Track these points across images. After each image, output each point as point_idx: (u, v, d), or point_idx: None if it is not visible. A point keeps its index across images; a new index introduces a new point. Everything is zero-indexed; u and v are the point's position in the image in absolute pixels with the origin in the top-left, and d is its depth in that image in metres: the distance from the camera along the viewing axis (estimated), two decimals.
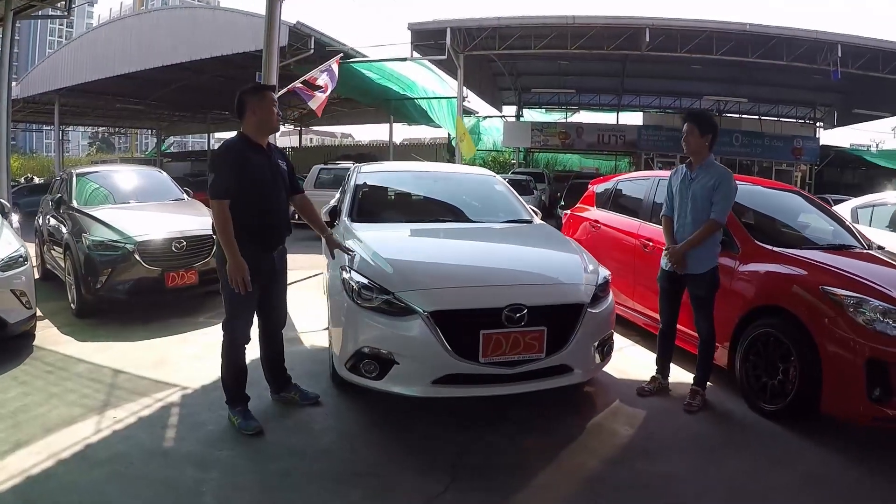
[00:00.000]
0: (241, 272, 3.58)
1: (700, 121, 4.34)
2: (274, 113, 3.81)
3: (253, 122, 3.77)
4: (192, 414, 4.01)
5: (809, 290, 4.03)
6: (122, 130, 46.24)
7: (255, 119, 3.75)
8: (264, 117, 3.77)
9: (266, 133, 3.87)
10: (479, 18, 18.04)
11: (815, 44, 17.13)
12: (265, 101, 3.78)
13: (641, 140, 26.29)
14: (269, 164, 3.84)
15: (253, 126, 3.78)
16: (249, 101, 3.76)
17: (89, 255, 6.29)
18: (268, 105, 3.78)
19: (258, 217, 3.74)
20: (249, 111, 3.75)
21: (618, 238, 6.30)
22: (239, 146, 3.74)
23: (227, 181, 3.60)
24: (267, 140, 3.92)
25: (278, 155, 4.01)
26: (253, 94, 3.80)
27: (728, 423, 4.14)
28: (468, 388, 3.72)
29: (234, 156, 3.68)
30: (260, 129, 3.81)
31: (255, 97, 3.77)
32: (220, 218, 3.58)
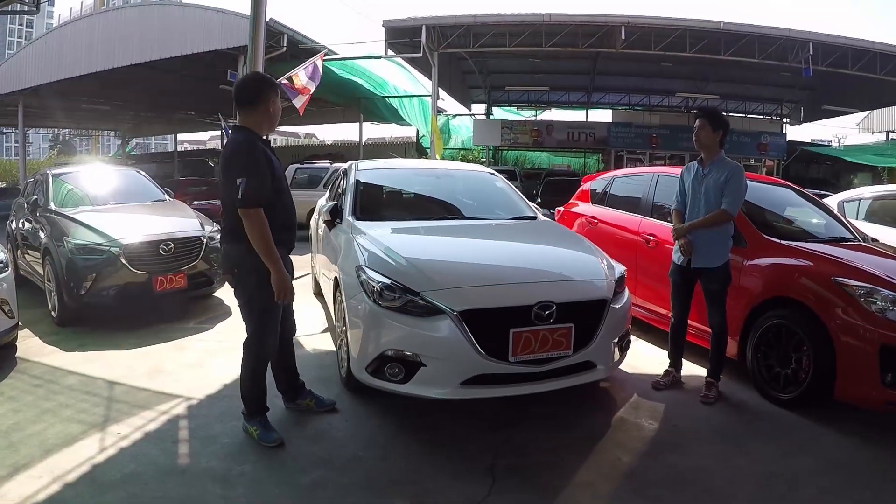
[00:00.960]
0: (288, 286, 3.41)
1: (712, 117, 4.40)
2: (280, 111, 3.64)
3: (266, 117, 3.52)
4: (203, 426, 3.78)
5: (821, 281, 4.12)
6: (86, 132, 45.09)
7: (270, 113, 3.52)
8: (276, 114, 3.57)
9: (270, 130, 3.64)
10: (456, 16, 17.98)
11: (786, 42, 17.47)
12: (279, 99, 3.61)
13: (611, 137, 26.42)
14: (277, 158, 3.64)
15: (263, 120, 3.52)
16: (269, 94, 3.52)
17: (72, 259, 6.00)
18: (279, 102, 3.61)
19: (286, 217, 3.58)
20: (265, 104, 3.49)
21: (618, 234, 6.33)
22: (256, 142, 3.46)
23: (263, 184, 3.35)
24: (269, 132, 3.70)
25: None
26: (273, 86, 3.60)
27: (745, 412, 4.20)
28: (498, 388, 3.68)
29: (261, 154, 3.41)
30: (267, 125, 3.57)
31: (274, 92, 3.56)
32: (260, 227, 3.31)
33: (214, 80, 18.93)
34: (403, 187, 5.99)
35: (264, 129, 3.58)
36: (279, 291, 3.40)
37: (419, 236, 4.76)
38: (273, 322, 3.59)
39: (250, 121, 3.51)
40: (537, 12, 17.39)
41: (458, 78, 26.53)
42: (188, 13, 18.07)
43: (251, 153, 3.38)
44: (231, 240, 3.48)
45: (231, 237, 3.47)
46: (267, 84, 3.59)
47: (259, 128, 3.53)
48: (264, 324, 3.54)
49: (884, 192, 7.91)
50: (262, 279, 3.40)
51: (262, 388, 3.67)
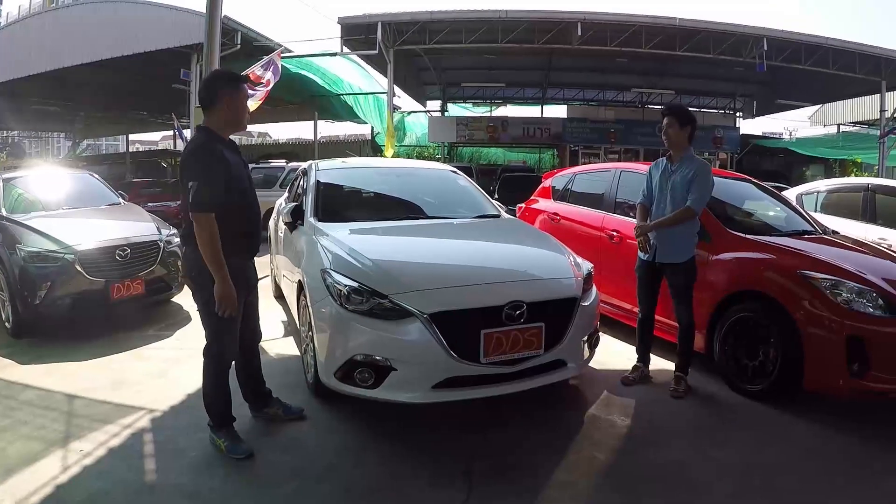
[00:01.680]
0: (232, 299, 3.26)
1: (679, 114, 4.43)
2: (247, 109, 3.47)
3: (224, 117, 3.35)
4: (170, 440, 3.63)
5: (787, 274, 4.20)
6: (36, 134, 43.71)
7: (229, 114, 3.35)
8: (238, 113, 3.38)
9: (234, 130, 3.48)
10: (412, 13, 17.83)
11: (741, 37, 17.81)
12: (240, 95, 3.40)
13: (566, 132, 26.46)
14: (240, 159, 3.50)
15: (222, 121, 3.36)
16: (225, 91, 3.33)
17: (25, 267, 5.74)
18: (242, 99, 3.42)
19: (243, 223, 3.43)
20: (223, 103, 3.31)
21: (581, 230, 6.36)
22: (214, 144, 3.30)
23: (216, 189, 3.19)
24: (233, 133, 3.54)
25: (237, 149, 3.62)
26: (230, 83, 3.39)
27: (716, 405, 4.26)
28: (470, 391, 3.64)
29: (217, 156, 3.25)
30: (229, 125, 3.41)
31: (232, 88, 3.36)
32: (208, 234, 3.17)
33: (168, 80, 18.47)
34: (365, 187, 5.90)
35: (227, 129, 3.44)
36: (220, 303, 3.25)
37: (384, 237, 4.69)
38: (232, 327, 3.44)
39: (210, 121, 3.38)
40: (494, 9, 17.39)
41: (413, 75, 26.45)
42: (140, 11, 17.63)
43: (204, 156, 3.25)
44: (190, 243, 3.34)
45: (190, 240, 3.33)
46: (222, 82, 3.40)
47: (220, 128, 3.39)
48: (222, 329, 3.40)
49: (839, 184, 8.16)
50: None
51: (226, 398, 3.53)
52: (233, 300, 3.26)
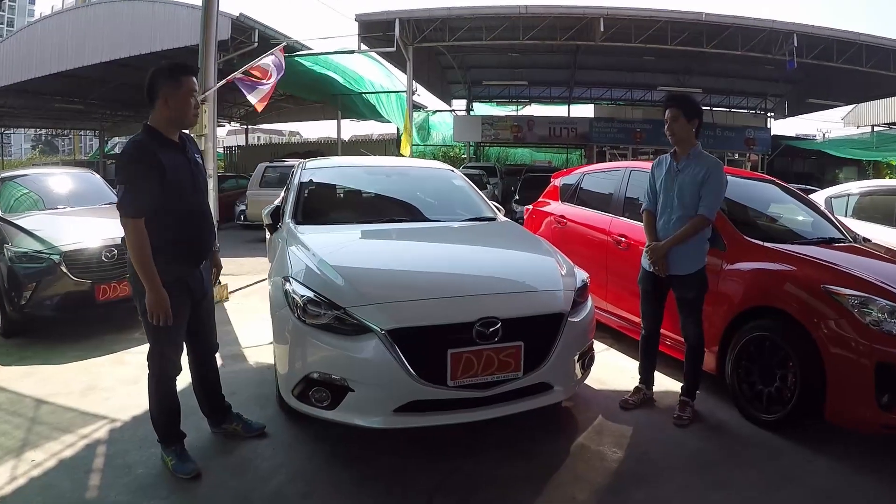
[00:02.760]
0: (163, 307, 3.02)
1: (684, 105, 3.94)
2: (191, 105, 3.14)
3: (164, 114, 3.09)
4: (121, 453, 3.46)
5: (809, 289, 3.69)
6: (65, 132, 44.46)
7: (168, 111, 3.09)
8: (179, 110, 3.11)
9: (179, 129, 3.21)
10: (429, 9, 17.49)
11: (770, 33, 17.13)
12: (182, 90, 3.09)
13: (593, 132, 26.15)
14: (187, 160, 3.22)
15: (164, 119, 3.11)
16: (162, 86, 3.06)
17: (12, 268, 5.71)
18: (185, 94, 3.10)
19: (182, 229, 3.17)
20: (161, 101, 3.06)
21: (587, 234, 5.91)
22: (149, 145, 3.04)
23: (142, 194, 2.97)
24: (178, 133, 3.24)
25: (194, 148, 3.36)
26: (168, 77, 3.08)
27: (724, 435, 3.78)
28: (436, 416, 3.23)
29: (147, 159, 2.99)
30: (171, 124, 3.15)
31: (171, 82, 3.08)
32: (135, 240, 2.97)
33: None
34: (351, 187, 5.55)
35: (171, 128, 3.16)
36: (151, 312, 3.02)
37: (357, 242, 4.31)
38: (171, 337, 3.22)
39: (153, 119, 3.13)
40: (513, 4, 16.94)
41: (437, 73, 26.18)
42: (157, 9, 17.60)
43: (132, 160, 3.02)
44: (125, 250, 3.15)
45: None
46: (162, 76, 3.09)
47: (164, 126, 3.13)
48: (161, 339, 3.19)
49: (872, 186, 7.53)
50: None
51: (171, 412, 3.32)
52: (164, 309, 3.03)
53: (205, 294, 3.43)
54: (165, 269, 3.05)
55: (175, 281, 3.13)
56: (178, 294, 3.15)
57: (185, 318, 3.26)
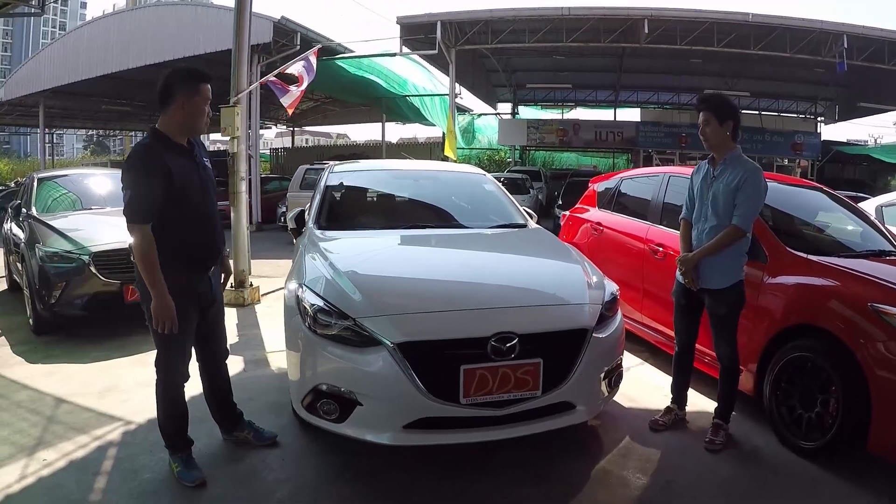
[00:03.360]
0: (168, 315, 2.96)
1: (717, 107, 3.65)
2: (204, 112, 3.09)
3: (177, 120, 3.05)
4: (130, 457, 3.44)
5: (855, 307, 3.39)
6: (114, 133, 45.67)
7: (181, 116, 3.04)
8: (192, 116, 3.06)
9: (188, 134, 3.16)
10: (471, 11, 17.43)
11: (819, 34, 16.55)
12: (198, 98, 3.05)
13: (640, 137, 25.75)
14: (196, 165, 3.17)
15: (175, 124, 3.06)
16: (179, 90, 3.01)
17: (43, 267, 5.80)
18: (200, 102, 3.06)
19: (190, 234, 3.11)
20: (176, 105, 3.01)
21: (623, 242, 5.68)
22: (157, 149, 2.99)
23: (148, 199, 2.91)
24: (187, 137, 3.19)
25: (202, 152, 3.30)
26: (184, 82, 3.03)
27: (758, 463, 3.50)
28: (447, 434, 3.07)
29: (154, 164, 2.94)
30: (182, 129, 3.10)
31: (187, 87, 3.02)
32: (141, 246, 2.90)
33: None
34: (377, 191, 5.43)
35: (180, 133, 3.12)
36: (156, 319, 2.97)
37: (376, 249, 4.17)
38: (178, 344, 3.16)
39: (163, 123, 3.08)
40: (556, 6, 16.70)
41: (481, 76, 26.16)
42: (201, 13, 17.98)
43: (139, 164, 2.96)
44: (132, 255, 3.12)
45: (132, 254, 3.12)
46: (178, 80, 3.04)
47: (174, 131, 3.09)
48: (168, 346, 3.14)
49: None
50: None
51: (178, 419, 3.27)
52: (169, 317, 2.98)
53: (214, 300, 3.37)
54: (173, 276, 3.00)
55: (182, 288, 3.07)
56: (186, 301, 3.09)
57: (192, 325, 3.21)
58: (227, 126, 7.27)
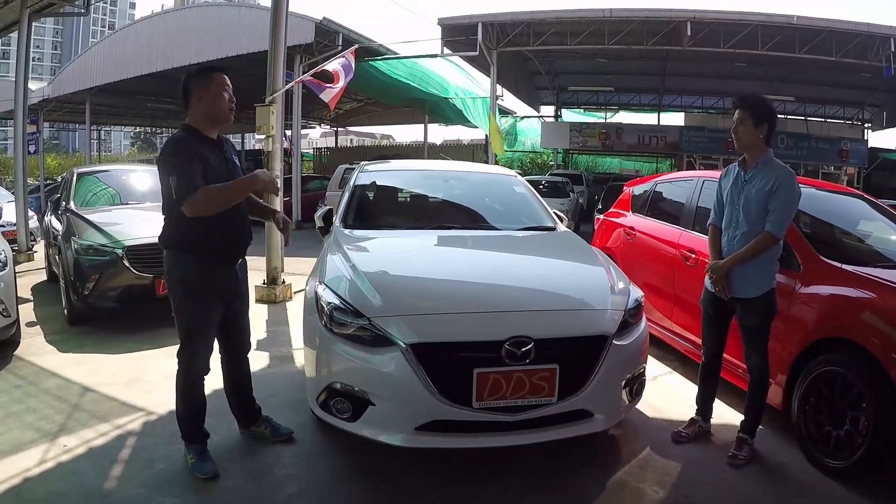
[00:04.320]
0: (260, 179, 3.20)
1: (754, 107, 3.51)
2: (224, 99, 3.19)
3: (199, 112, 3.17)
4: (148, 447, 3.51)
5: (890, 320, 3.22)
6: (160, 130, 46.64)
7: (202, 107, 3.16)
8: (212, 105, 3.17)
9: (216, 124, 3.26)
10: (512, 13, 17.26)
11: (866, 38, 15.98)
12: (212, 86, 3.17)
13: (683, 141, 25.35)
14: (225, 160, 3.25)
15: (200, 116, 3.18)
16: (194, 85, 3.16)
17: (77, 259, 5.99)
18: (216, 91, 3.17)
19: (217, 228, 3.15)
20: (194, 98, 3.15)
21: (655, 248, 5.55)
22: (190, 140, 3.12)
23: (193, 177, 2.98)
24: (217, 133, 3.31)
25: (231, 149, 3.40)
26: (198, 77, 3.20)
27: (782, 481, 3.35)
28: (459, 438, 3.02)
29: (191, 151, 3.05)
30: (207, 120, 3.21)
31: (201, 81, 3.17)
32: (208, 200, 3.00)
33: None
34: (407, 191, 5.41)
35: (208, 125, 3.23)
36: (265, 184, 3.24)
37: (399, 249, 4.14)
38: (201, 337, 3.24)
39: (191, 117, 3.23)
40: (598, 7, 16.47)
41: (524, 78, 25.97)
42: (244, 13, 18.21)
43: (178, 152, 3.06)
44: (163, 245, 3.24)
45: (163, 242, 3.23)
46: (192, 77, 3.21)
47: (201, 124, 3.21)
48: (191, 338, 3.22)
49: None
50: (187, 290, 3.16)
51: (196, 411, 3.32)
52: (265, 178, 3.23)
53: (239, 294, 3.43)
54: (199, 269, 3.13)
55: (208, 280, 3.17)
56: (211, 294, 3.19)
57: (216, 318, 3.27)
58: (261, 125, 7.37)
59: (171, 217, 3.15)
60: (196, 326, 3.17)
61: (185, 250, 3.13)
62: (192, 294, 3.15)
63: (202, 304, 3.18)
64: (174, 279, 3.17)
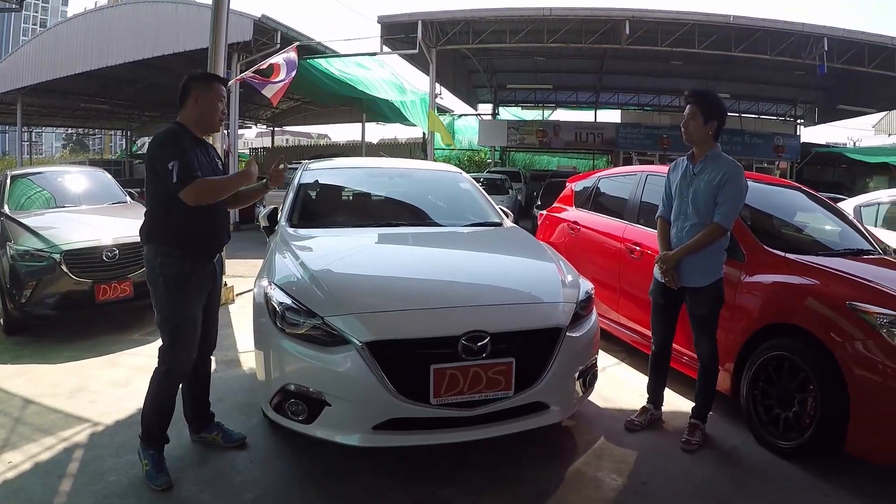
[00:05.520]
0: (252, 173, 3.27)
1: (705, 104, 3.61)
2: (218, 109, 3.27)
3: (193, 113, 3.25)
4: (97, 459, 3.37)
5: (833, 305, 3.37)
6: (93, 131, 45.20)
7: (197, 110, 3.24)
8: (207, 110, 3.25)
9: (205, 130, 3.34)
10: (452, 11, 17.28)
11: (800, 37, 16.64)
12: (211, 93, 3.25)
13: (620, 138, 25.83)
14: (210, 160, 3.31)
15: (193, 117, 3.25)
16: (195, 87, 3.24)
17: (13, 266, 5.69)
18: (213, 98, 3.25)
19: (199, 223, 3.17)
20: (192, 99, 3.23)
21: (600, 241, 5.64)
22: (182, 133, 3.19)
23: (193, 163, 3.05)
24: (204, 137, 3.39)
25: (214, 153, 3.44)
26: (200, 80, 3.29)
27: (736, 464, 3.46)
28: (418, 435, 3.00)
29: (184, 142, 3.12)
30: (199, 123, 3.28)
31: (202, 85, 3.26)
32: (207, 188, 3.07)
33: None
34: (351, 189, 5.35)
35: (198, 127, 3.30)
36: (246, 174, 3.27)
37: (348, 247, 4.09)
38: (190, 331, 3.21)
39: (182, 116, 3.29)
40: (537, 6, 16.65)
41: (462, 77, 26.08)
42: (181, 10, 17.66)
43: (175, 139, 3.13)
44: (143, 240, 3.23)
45: (143, 235, 3.22)
46: (195, 80, 3.29)
47: (192, 124, 3.28)
48: (178, 332, 3.17)
49: None
50: (169, 285, 3.12)
51: (164, 412, 3.23)
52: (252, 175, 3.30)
53: (214, 290, 3.43)
54: (180, 263, 3.11)
55: (190, 277, 3.15)
56: (192, 289, 3.18)
57: (200, 312, 3.26)
58: None
59: (153, 210, 3.16)
60: (180, 322, 3.13)
61: (168, 244, 3.12)
62: (175, 288, 3.11)
63: (185, 299, 3.14)
64: (155, 273, 3.13)
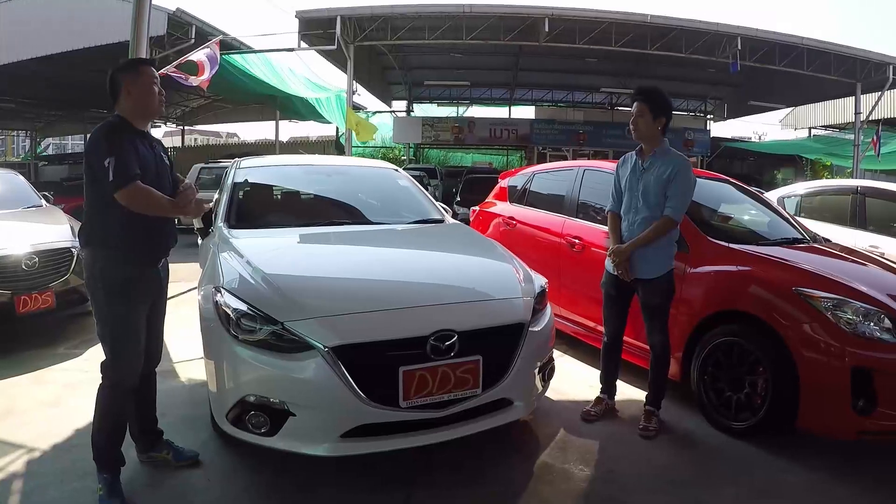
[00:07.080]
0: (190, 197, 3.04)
1: (653, 101, 3.69)
2: (154, 93, 3.05)
3: (129, 105, 3.00)
4: (38, 489, 3.07)
5: (780, 292, 3.55)
6: None
7: (131, 100, 3.00)
8: (142, 97, 3.02)
9: (146, 117, 3.11)
10: (372, 6, 17.18)
11: (715, 36, 17.36)
12: (143, 78, 3.02)
13: (534, 134, 26.38)
14: (154, 155, 3.08)
15: (129, 109, 3.01)
16: (123, 78, 3.00)
17: None
18: (146, 82, 3.03)
19: (144, 221, 2.94)
20: (124, 90, 2.99)
21: (538, 236, 5.71)
22: (122, 126, 2.96)
23: (133, 160, 2.83)
24: (147, 128, 3.16)
25: (161, 147, 3.23)
26: (127, 70, 3.05)
27: (693, 447, 3.58)
28: (388, 440, 2.92)
29: (125, 136, 2.89)
30: (137, 113, 3.04)
31: (130, 74, 3.02)
32: (145, 199, 2.83)
33: None
34: (289, 188, 5.20)
35: (138, 117, 3.07)
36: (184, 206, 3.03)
37: (297, 248, 3.98)
38: (134, 341, 2.99)
39: (119, 108, 3.04)
40: (458, 3, 16.73)
41: (377, 73, 25.94)
42: (93, 3, 16.82)
43: (115, 134, 2.89)
44: (82, 244, 3.00)
45: (82, 240, 3.00)
46: (121, 69, 3.06)
47: (131, 115, 3.04)
48: (121, 343, 2.96)
49: (821, 187, 7.82)
50: (110, 291, 2.89)
51: (116, 430, 3.02)
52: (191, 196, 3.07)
53: (160, 298, 3.23)
54: (123, 267, 2.92)
55: (133, 280, 2.96)
56: (137, 294, 2.99)
57: (144, 321, 3.05)
58: None
59: (92, 211, 2.94)
60: (123, 331, 2.92)
61: (108, 247, 2.90)
62: (116, 295, 2.90)
63: (127, 306, 2.93)
64: (95, 279, 2.90)
